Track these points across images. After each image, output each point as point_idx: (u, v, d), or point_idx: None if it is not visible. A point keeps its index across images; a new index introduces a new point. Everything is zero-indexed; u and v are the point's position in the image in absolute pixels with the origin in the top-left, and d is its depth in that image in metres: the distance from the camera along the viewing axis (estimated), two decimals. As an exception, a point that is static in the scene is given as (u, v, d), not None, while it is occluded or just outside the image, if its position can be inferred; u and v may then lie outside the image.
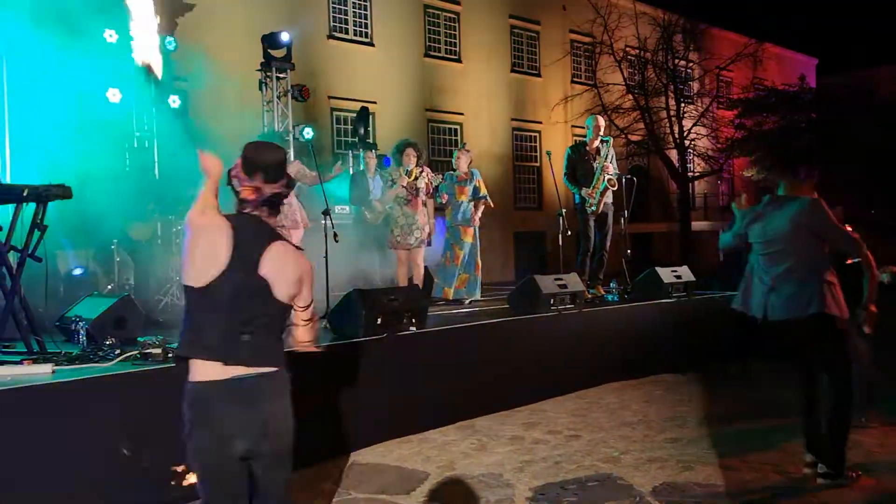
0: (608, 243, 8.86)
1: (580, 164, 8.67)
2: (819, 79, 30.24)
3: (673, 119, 22.15)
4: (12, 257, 5.40)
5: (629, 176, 9.00)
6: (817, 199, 4.67)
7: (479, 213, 8.83)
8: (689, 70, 23.50)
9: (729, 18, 23.72)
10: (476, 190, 8.78)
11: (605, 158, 8.64)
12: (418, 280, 8.16)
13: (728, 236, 5.06)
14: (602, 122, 8.96)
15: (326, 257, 7.17)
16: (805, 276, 4.55)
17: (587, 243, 8.71)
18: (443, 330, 6.53)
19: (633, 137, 21.76)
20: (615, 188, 8.66)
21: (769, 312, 4.66)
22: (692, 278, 8.86)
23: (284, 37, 11.22)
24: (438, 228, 8.99)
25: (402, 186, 8.08)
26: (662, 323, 8.28)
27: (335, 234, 7.08)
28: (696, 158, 23.90)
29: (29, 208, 5.48)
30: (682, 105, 22.38)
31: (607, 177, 8.60)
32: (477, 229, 8.85)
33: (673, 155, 22.45)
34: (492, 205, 8.97)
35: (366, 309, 5.69)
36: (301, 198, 11.35)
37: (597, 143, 8.72)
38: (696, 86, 23.93)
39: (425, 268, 8.50)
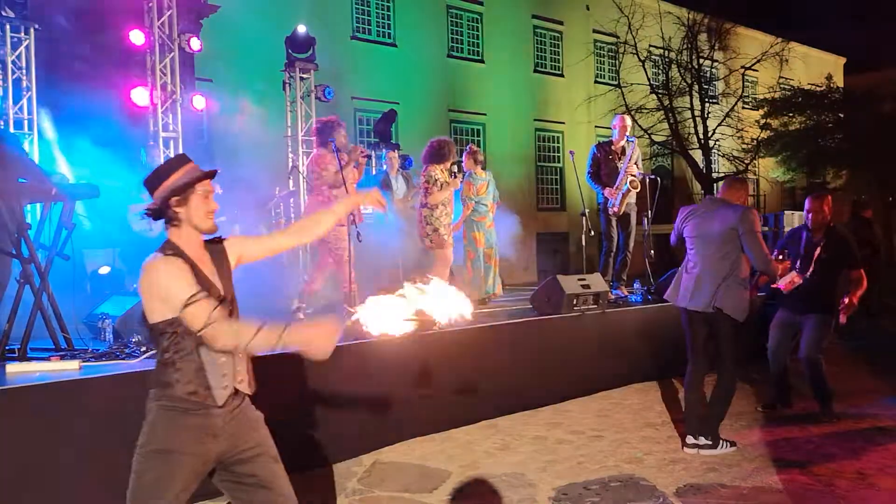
0: (631, 243, 8.80)
1: (604, 163, 8.62)
2: (847, 78, 29.86)
3: (697, 119, 21.97)
4: (40, 255, 5.46)
5: (653, 176, 8.92)
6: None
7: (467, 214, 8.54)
8: (713, 70, 23.31)
9: (755, 17, 23.50)
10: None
11: (630, 159, 8.57)
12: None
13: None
14: (628, 121, 8.88)
15: (350, 257, 7.19)
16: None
17: (610, 244, 8.66)
18: (466, 329, 6.51)
19: (657, 138, 21.62)
20: (637, 189, 8.60)
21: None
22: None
23: (301, 29, 11.26)
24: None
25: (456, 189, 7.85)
26: (686, 324, 8.21)
27: (358, 234, 7.09)
28: (720, 159, 23.69)
29: (57, 207, 5.55)
30: (707, 105, 22.19)
31: (630, 178, 8.53)
32: (465, 230, 8.54)
33: (697, 156, 22.27)
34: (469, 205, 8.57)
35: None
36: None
37: (622, 142, 8.67)
38: (721, 85, 23.72)
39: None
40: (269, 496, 2.81)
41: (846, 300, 5.98)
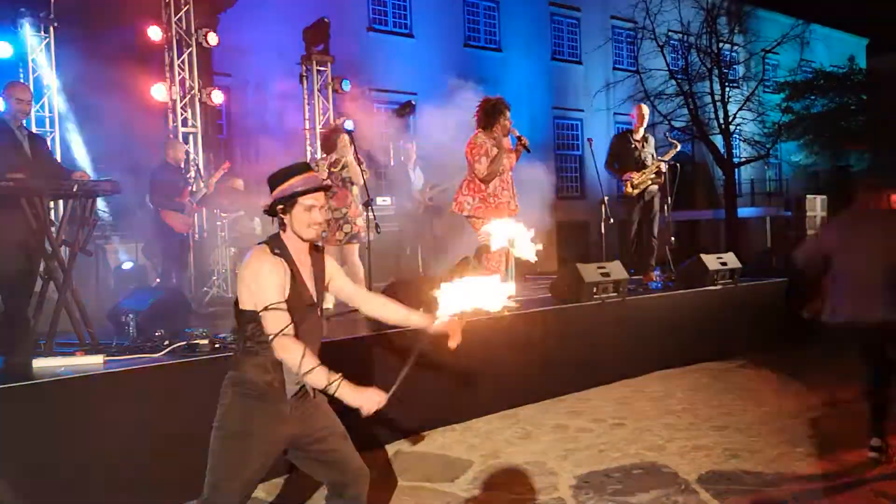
0: (655, 229, 8.71)
1: (625, 152, 8.57)
2: (870, 59, 29.41)
3: (718, 104, 21.75)
4: (63, 251, 5.53)
5: (672, 162, 8.86)
6: None
7: None
8: (733, 53, 23.04)
9: (775, -1, 23.22)
10: None
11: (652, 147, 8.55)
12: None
13: None
14: (644, 109, 8.85)
15: (369, 248, 7.21)
16: None
17: (630, 230, 8.60)
18: (483, 320, 6.49)
19: (677, 124, 21.44)
20: (661, 182, 8.56)
21: None
22: (738, 265, 8.72)
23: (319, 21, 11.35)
24: None
25: None
26: (708, 310, 8.17)
27: (377, 226, 7.11)
28: (742, 144, 23.46)
29: (78, 203, 5.61)
30: (727, 89, 21.95)
31: (656, 167, 8.49)
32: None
33: (718, 141, 22.06)
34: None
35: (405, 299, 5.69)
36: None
37: (642, 131, 8.63)
38: (741, 69, 23.45)
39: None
40: (342, 468, 3.06)
41: None
